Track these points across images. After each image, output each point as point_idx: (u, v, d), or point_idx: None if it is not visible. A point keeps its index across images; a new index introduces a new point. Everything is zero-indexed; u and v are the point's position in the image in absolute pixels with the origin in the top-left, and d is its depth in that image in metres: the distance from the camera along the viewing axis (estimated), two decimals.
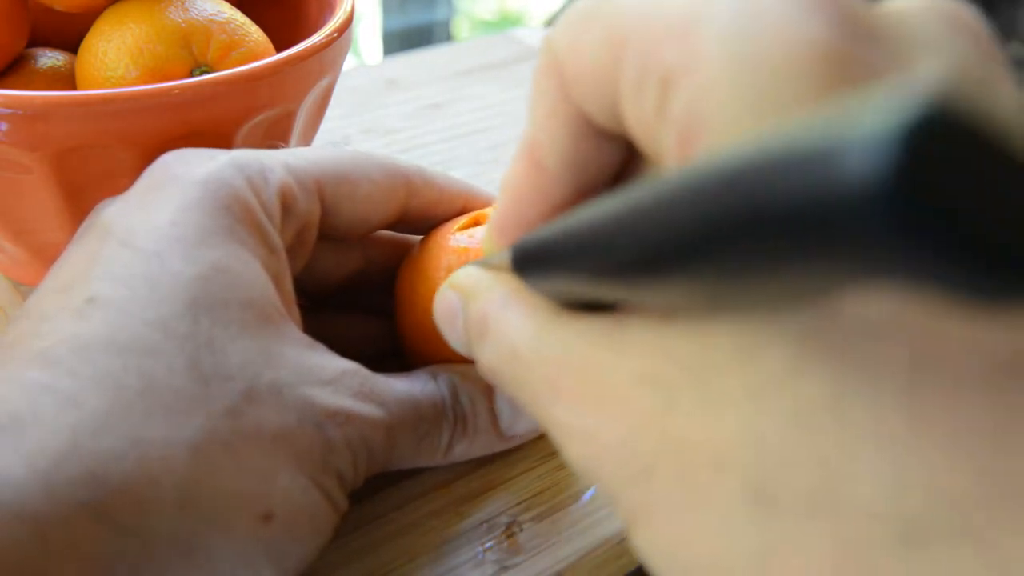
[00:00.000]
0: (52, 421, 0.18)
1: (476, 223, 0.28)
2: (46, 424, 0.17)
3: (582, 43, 0.15)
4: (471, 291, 0.19)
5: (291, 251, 0.25)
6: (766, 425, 0.12)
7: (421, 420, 0.24)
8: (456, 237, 0.27)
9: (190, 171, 0.23)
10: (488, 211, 0.28)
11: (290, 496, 0.20)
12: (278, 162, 0.24)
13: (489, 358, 0.18)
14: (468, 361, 0.26)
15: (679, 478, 0.13)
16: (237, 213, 0.22)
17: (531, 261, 0.17)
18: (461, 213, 0.29)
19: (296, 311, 0.24)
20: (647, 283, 0.12)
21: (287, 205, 0.24)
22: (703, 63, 0.13)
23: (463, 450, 0.26)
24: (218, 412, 0.19)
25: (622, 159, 0.18)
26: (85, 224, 0.23)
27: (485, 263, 0.20)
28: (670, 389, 0.14)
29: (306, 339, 0.22)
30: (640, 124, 0.15)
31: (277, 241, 0.23)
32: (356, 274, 0.29)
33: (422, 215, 0.28)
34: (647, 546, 0.14)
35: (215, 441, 0.19)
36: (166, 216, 0.21)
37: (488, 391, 0.26)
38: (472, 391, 0.25)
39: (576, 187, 0.18)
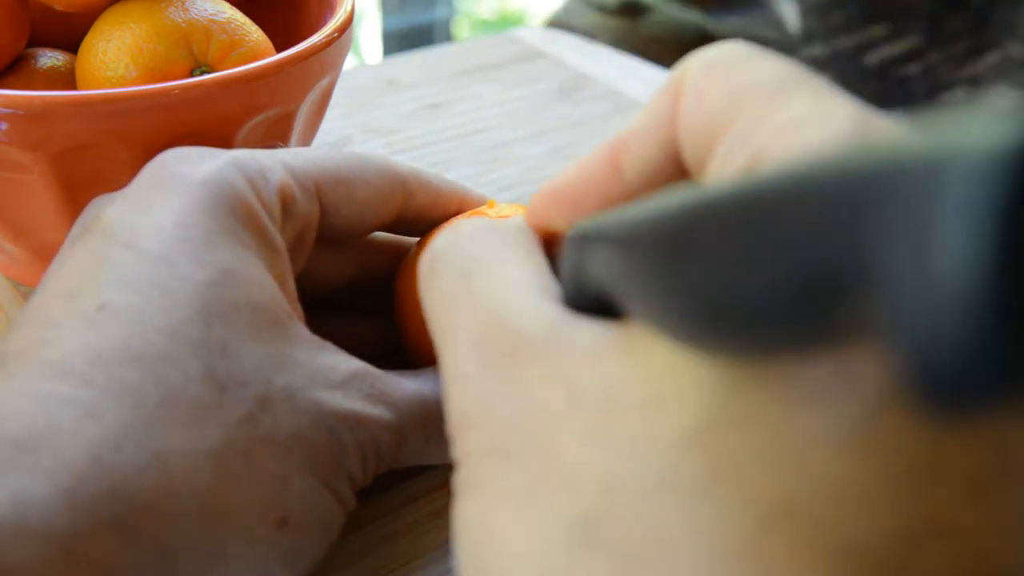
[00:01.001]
0: (72, 435, 0.17)
1: None
2: (66, 439, 0.17)
3: (707, 90, 0.16)
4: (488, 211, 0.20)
5: (291, 252, 0.25)
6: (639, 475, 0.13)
7: (430, 420, 0.24)
8: None
9: (191, 171, 0.22)
10: (484, 209, 0.28)
11: (304, 500, 0.20)
12: (277, 162, 0.24)
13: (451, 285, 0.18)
14: None
15: (532, 481, 0.14)
16: (240, 214, 0.22)
17: (583, 236, 0.17)
18: (456, 214, 0.29)
19: (300, 310, 0.24)
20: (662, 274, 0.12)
21: (287, 206, 0.24)
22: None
23: None
24: (235, 420, 0.19)
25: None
26: (81, 223, 0.23)
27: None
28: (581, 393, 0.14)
29: (315, 339, 0.22)
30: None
31: (279, 242, 0.23)
32: (354, 276, 0.29)
33: (419, 217, 0.28)
34: (464, 521, 0.15)
35: (233, 450, 0.19)
36: (170, 217, 0.21)
37: None
38: None
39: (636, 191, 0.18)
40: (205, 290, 0.20)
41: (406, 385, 0.24)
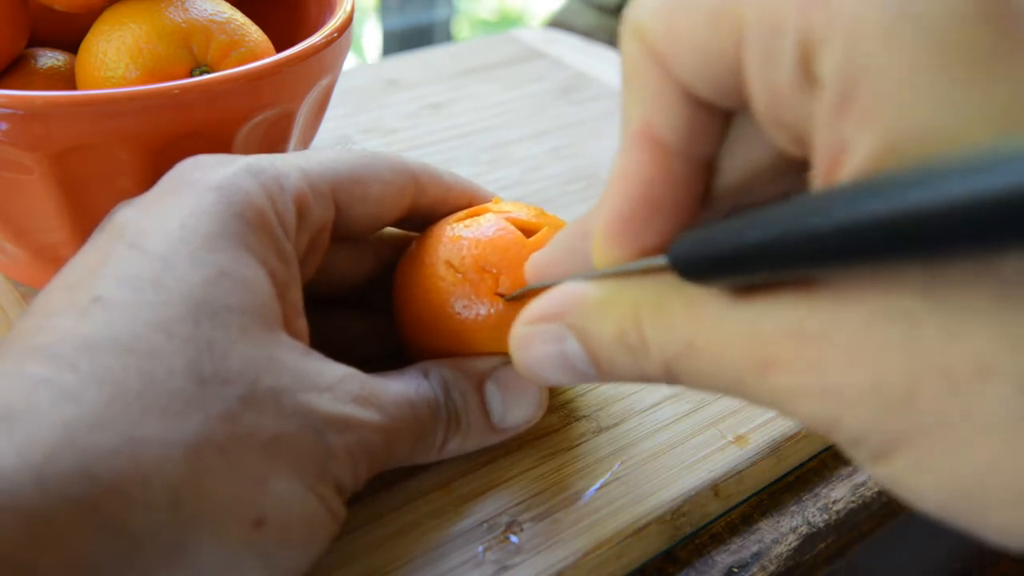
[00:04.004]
0: (48, 415, 0.18)
1: (473, 216, 0.28)
2: (41, 417, 0.18)
3: (681, 25, 0.16)
4: (589, 312, 0.19)
5: (305, 256, 0.25)
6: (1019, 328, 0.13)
7: (417, 420, 0.24)
8: (453, 227, 0.27)
9: (205, 177, 0.23)
10: (488, 206, 0.28)
11: (284, 502, 0.20)
12: (293, 167, 0.24)
13: (655, 366, 0.18)
14: (461, 354, 0.26)
15: (945, 395, 0.14)
16: (250, 219, 0.22)
17: (707, 267, 0.17)
18: (464, 209, 0.29)
19: (303, 321, 0.24)
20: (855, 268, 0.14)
21: (302, 212, 0.24)
22: (853, 20, 0.13)
23: (457, 446, 0.26)
24: (215, 415, 0.19)
25: (723, 127, 0.18)
26: (99, 226, 0.23)
27: (593, 276, 0.20)
28: (909, 320, 0.14)
29: (304, 347, 0.22)
30: (770, 94, 0.15)
31: (289, 250, 0.23)
32: (371, 274, 0.30)
33: (429, 212, 0.29)
34: (910, 473, 0.15)
35: (210, 444, 0.19)
36: (176, 220, 0.22)
37: (478, 385, 0.26)
38: (463, 386, 0.26)
39: (695, 163, 0.18)
40: (198, 289, 0.20)
41: (392, 387, 0.24)
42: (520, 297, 0.25)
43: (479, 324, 0.26)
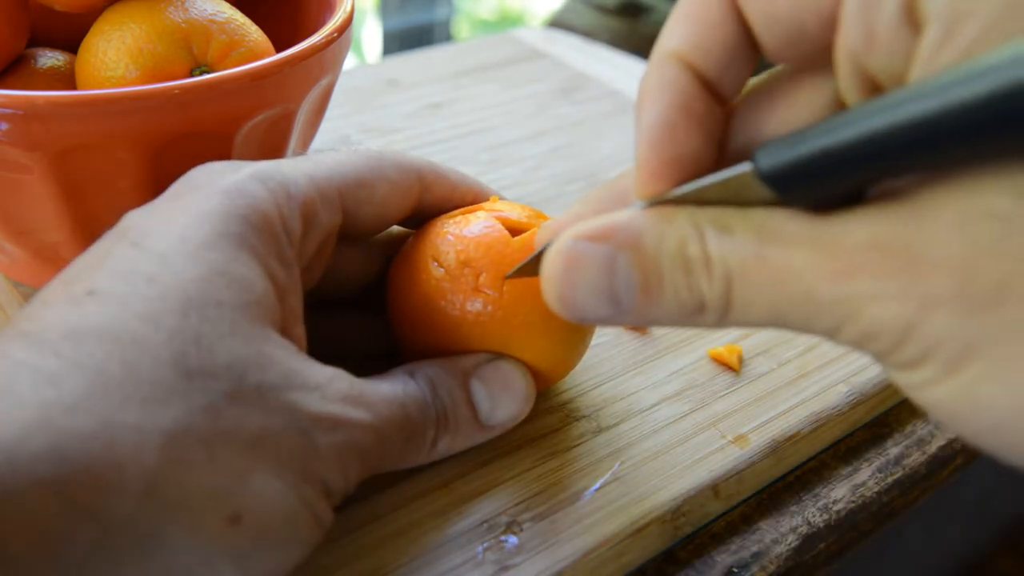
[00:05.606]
0: (24, 395, 0.18)
1: (465, 214, 0.28)
2: (18, 397, 0.18)
3: None
4: (645, 230, 0.18)
5: (311, 262, 0.25)
6: None
7: (407, 420, 0.24)
8: (443, 225, 0.27)
9: (213, 181, 0.23)
10: (484, 205, 0.28)
11: (263, 500, 0.20)
12: (300, 173, 0.24)
13: (713, 285, 0.18)
14: (448, 350, 0.26)
15: None
16: (255, 223, 0.22)
17: (799, 170, 0.16)
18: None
19: (301, 328, 0.24)
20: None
21: (309, 219, 0.24)
22: None
23: (446, 445, 0.26)
24: (198, 408, 0.19)
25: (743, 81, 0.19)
26: (110, 230, 0.23)
27: (650, 203, 0.19)
28: (1003, 222, 0.14)
29: (294, 347, 0.22)
30: (864, 39, 0.16)
31: (291, 257, 0.23)
32: (379, 275, 0.30)
33: (434, 209, 0.29)
34: (979, 385, 0.15)
35: (190, 435, 0.19)
36: (180, 221, 0.22)
37: (464, 382, 0.26)
38: (449, 384, 0.26)
39: (720, 97, 0.19)
40: (191, 285, 0.20)
41: (382, 388, 0.24)
42: (520, 274, 0.25)
43: (462, 320, 0.26)
